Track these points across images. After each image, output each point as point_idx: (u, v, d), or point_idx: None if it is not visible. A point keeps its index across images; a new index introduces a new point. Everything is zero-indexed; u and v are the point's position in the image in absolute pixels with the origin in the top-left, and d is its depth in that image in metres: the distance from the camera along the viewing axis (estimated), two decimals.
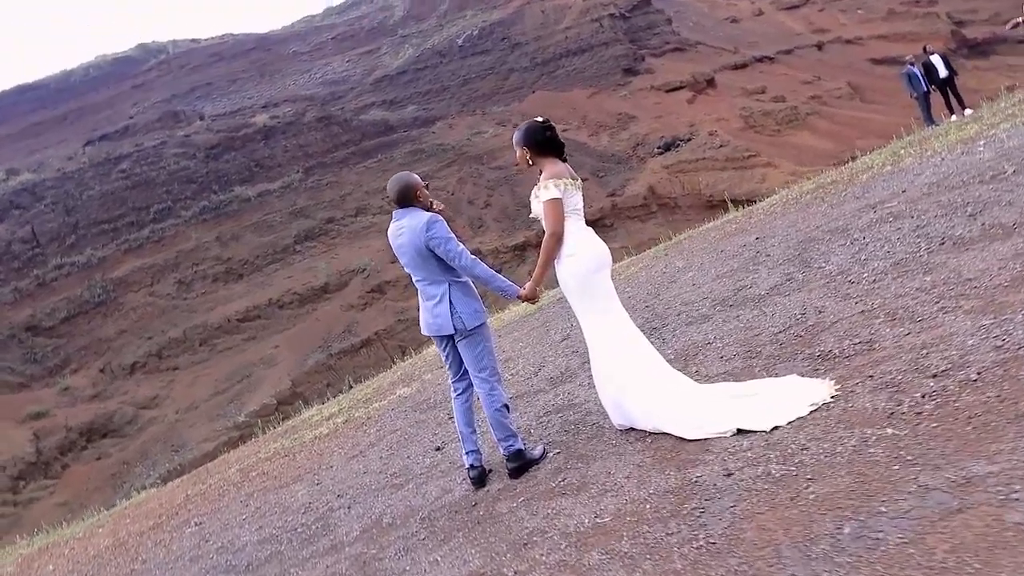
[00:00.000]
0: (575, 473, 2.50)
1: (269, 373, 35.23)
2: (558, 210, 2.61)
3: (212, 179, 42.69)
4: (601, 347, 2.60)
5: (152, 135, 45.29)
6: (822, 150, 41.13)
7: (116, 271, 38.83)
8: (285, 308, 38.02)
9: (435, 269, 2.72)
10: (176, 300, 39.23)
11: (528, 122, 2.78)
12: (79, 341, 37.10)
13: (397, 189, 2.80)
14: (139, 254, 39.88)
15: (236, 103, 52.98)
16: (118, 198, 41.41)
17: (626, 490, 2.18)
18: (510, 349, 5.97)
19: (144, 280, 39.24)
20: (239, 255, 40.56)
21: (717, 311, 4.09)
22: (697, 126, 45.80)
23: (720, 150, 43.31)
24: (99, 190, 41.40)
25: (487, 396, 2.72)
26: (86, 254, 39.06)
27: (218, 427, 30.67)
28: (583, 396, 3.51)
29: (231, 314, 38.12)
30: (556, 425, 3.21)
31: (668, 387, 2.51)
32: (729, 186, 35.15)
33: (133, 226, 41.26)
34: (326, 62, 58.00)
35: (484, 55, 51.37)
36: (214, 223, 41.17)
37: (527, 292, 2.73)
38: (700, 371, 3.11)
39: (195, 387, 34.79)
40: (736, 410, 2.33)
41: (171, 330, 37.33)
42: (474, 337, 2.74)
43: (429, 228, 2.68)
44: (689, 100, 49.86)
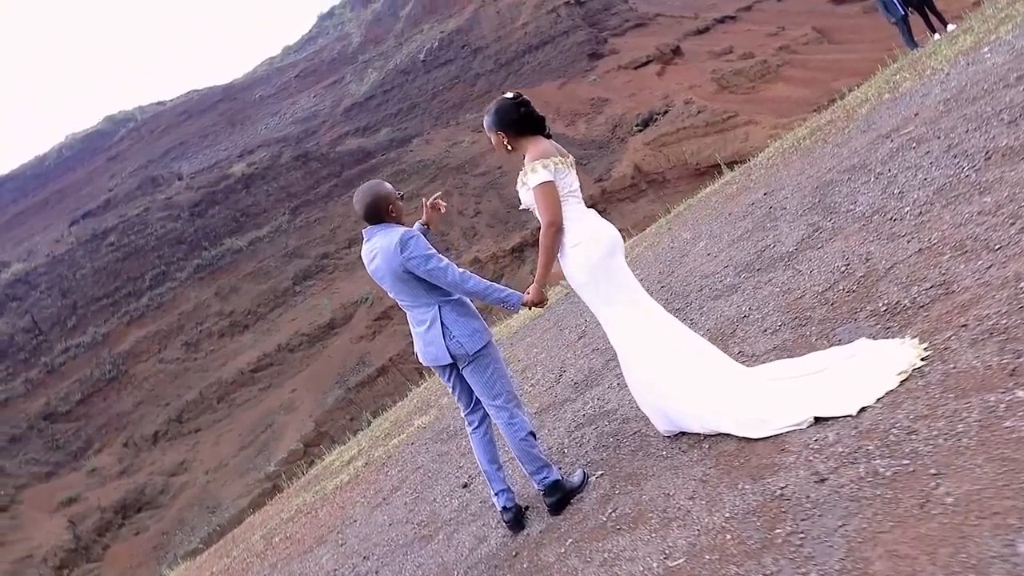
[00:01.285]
0: (627, 500, 2.10)
1: (291, 418, 34.93)
2: (552, 195, 2.21)
3: (201, 236, 42.50)
4: (630, 347, 2.20)
5: (134, 204, 45.17)
6: (799, 99, 40.63)
7: (122, 344, 38.64)
8: (296, 351, 37.74)
9: (420, 291, 2.33)
10: (186, 362, 39.00)
11: (497, 101, 2.38)
12: (98, 420, 36.89)
13: (364, 204, 2.40)
14: (142, 323, 39.69)
15: (212, 157, 52.84)
16: (111, 272, 41.26)
17: (694, 516, 1.78)
18: (525, 357, 5.57)
19: (151, 348, 39.03)
20: (241, 306, 40.32)
21: (743, 278, 3.69)
22: (671, 97, 45.37)
23: (698, 117, 42.89)
24: (91, 267, 41.26)
25: (507, 426, 2.33)
26: (89, 333, 38.90)
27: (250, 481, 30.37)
28: (615, 400, 3.11)
29: (243, 366, 37.86)
30: (591, 440, 2.81)
31: (717, 379, 2.11)
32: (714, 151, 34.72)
33: (131, 297, 41.10)
34: (293, 101, 57.86)
35: (448, 65, 51.10)
36: (210, 279, 40.96)
37: (532, 296, 2.32)
38: (744, 351, 2.70)
39: (220, 445, 34.53)
40: (806, 394, 1.93)
41: (187, 393, 37.10)
42: (480, 361, 2.34)
43: (404, 247, 2.27)
44: (659, 73, 49.43)
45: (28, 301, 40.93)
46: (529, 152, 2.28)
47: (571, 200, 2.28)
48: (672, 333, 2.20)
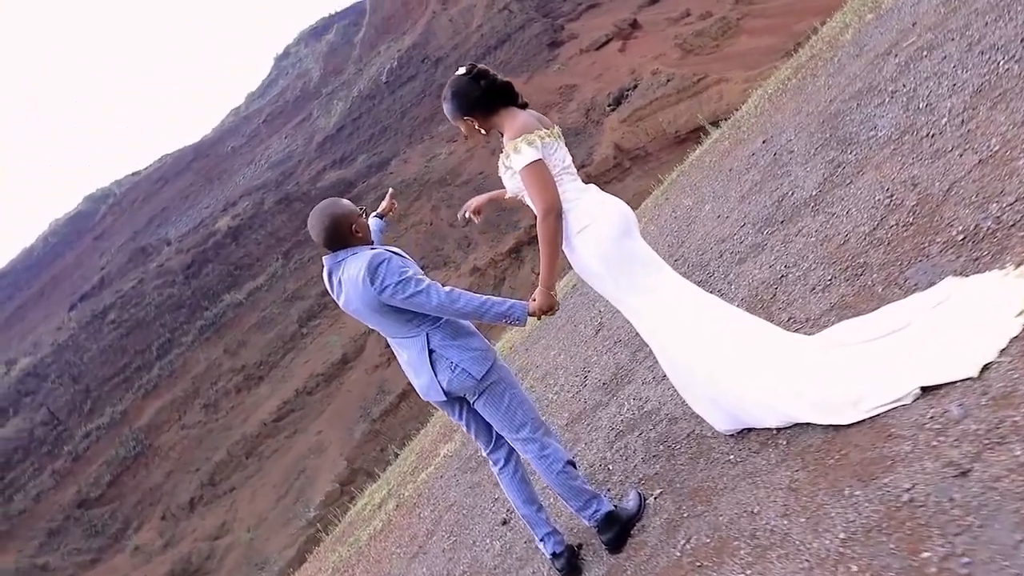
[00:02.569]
0: (700, 524, 1.72)
1: (322, 460, 34.65)
2: (543, 175, 1.84)
3: (199, 297, 42.30)
4: (670, 339, 1.83)
5: (128, 278, 45.03)
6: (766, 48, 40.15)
7: (141, 419, 38.44)
8: (314, 392, 37.47)
9: (402, 320, 1.96)
10: (208, 424, 38.78)
11: (452, 83, 2.00)
12: (132, 498, 36.67)
13: (322, 229, 1.98)
14: (157, 394, 39.50)
15: (196, 217, 52.68)
16: (117, 349, 41.08)
17: (796, 540, 1.40)
18: (543, 361, 5.19)
19: (171, 417, 38.83)
20: (252, 359, 40.09)
21: (767, 234, 3.30)
22: (638, 71, 44.99)
23: (669, 85, 42.48)
24: (97, 348, 41.10)
25: (540, 460, 1.94)
26: (107, 414, 38.72)
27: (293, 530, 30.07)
28: (654, 397, 2.73)
29: (265, 418, 37.61)
30: (638, 450, 2.43)
31: (785, 357, 1.72)
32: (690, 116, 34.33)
33: (141, 370, 40.91)
34: (265, 146, 57.69)
35: (411, 82, 50.84)
36: (216, 338, 40.75)
37: (540, 302, 1.90)
38: (795, 317, 2.32)
39: (257, 500, 34.27)
40: (901, 358, 1.55)
41: (214, 454, 36.86)
42: (492, 390, 1.95)
43: (374, 276, 1.88)
44: (621, 49, 49.05)
45: (41, 393, 40.81)
46: (507, 129, 1.91)
47: (566, 178, 1.91)
48: (716, 312, 1.82)
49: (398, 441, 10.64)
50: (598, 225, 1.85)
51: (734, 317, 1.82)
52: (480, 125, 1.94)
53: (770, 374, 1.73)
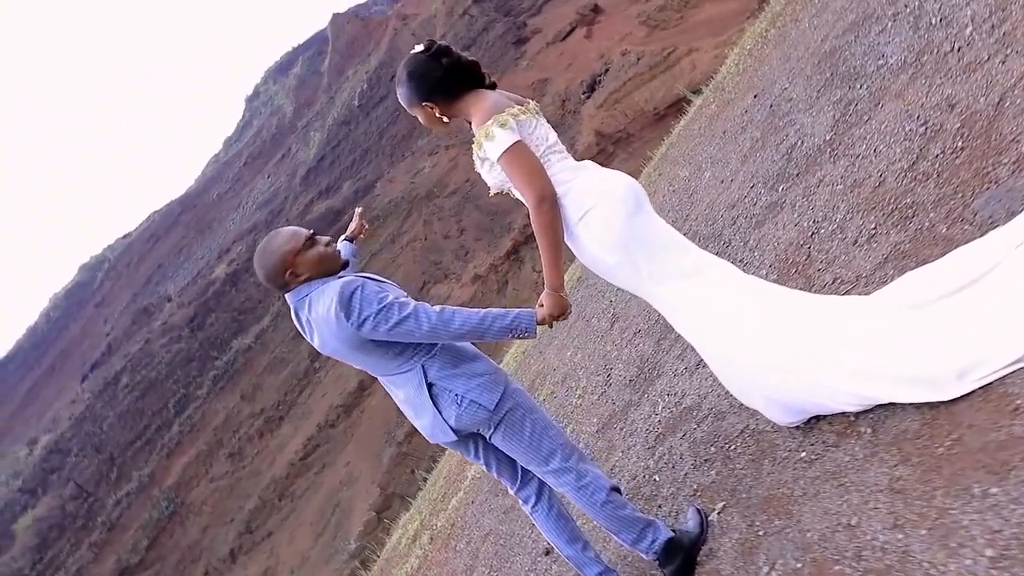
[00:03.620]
0: (784, 544, 1.42)
1: (355, 491, 34.42)
2: (527, 158, 1.55)
3: (207, 348, 42.19)
4: (713, 327, 1.53)
5: (134, 340, 45.00)
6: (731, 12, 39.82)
7: (169, 478, 38.33)
8: (336, 425, 37.26)
9: (391, 356, 1.67)
10: (236, 473, 38.62)
11: (407, 63, 1.70)
12: (172, 559, 36.52)
13: (265, 277, 1.71)
14: (181, 451, 39.38)
15: (192, 269, 52.62)
16: (135, 413, 41.02)
17: (922, 560, 1.10)
18: (560, 364, 4.89)
19: (198, 472, 38.70)
20: (269, 401, 39.93)
21: (784, 190, 3.00)
22: (607, 55, 44.71)
23: (640, 64, 42.18)
24: (115, 415, 41.06)
25: (578, 492, 1.65)
26: (135, 478, 38.60)
27: (336, 565, 29.82)
28: (691, 390, 2.43)
29: (292, 457, 37.43)
30: (685, 454, 2.12)
31: (852, 330, 1.43)
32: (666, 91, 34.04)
33: (162, 429, 40.81)
34: (250, 188, 57.69)
35: (384, 101, 50.68)
36: (231, 386, 40.63)
37: (548, 307, 1.62)
38: (841, 276, 2.01)
39: (296, 541, 34.05)
40: (1004, 310, 1.25)
41: (247, 502, 36.70)
42: (508, 419, 1.65)
43: (348, 311, 1.58)
44: (587, 36, 48.76)
45: (66, 468, 40.77)
46: (475, 115, 1.62)
47: (554, 158, 1.62)
48: (760, 291, 1.52)
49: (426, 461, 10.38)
50: (603, 206, 1.56)
51: (781, 295, 1.52)
52: (442, 112, 1.65)
53: (838, 352, 1.43)
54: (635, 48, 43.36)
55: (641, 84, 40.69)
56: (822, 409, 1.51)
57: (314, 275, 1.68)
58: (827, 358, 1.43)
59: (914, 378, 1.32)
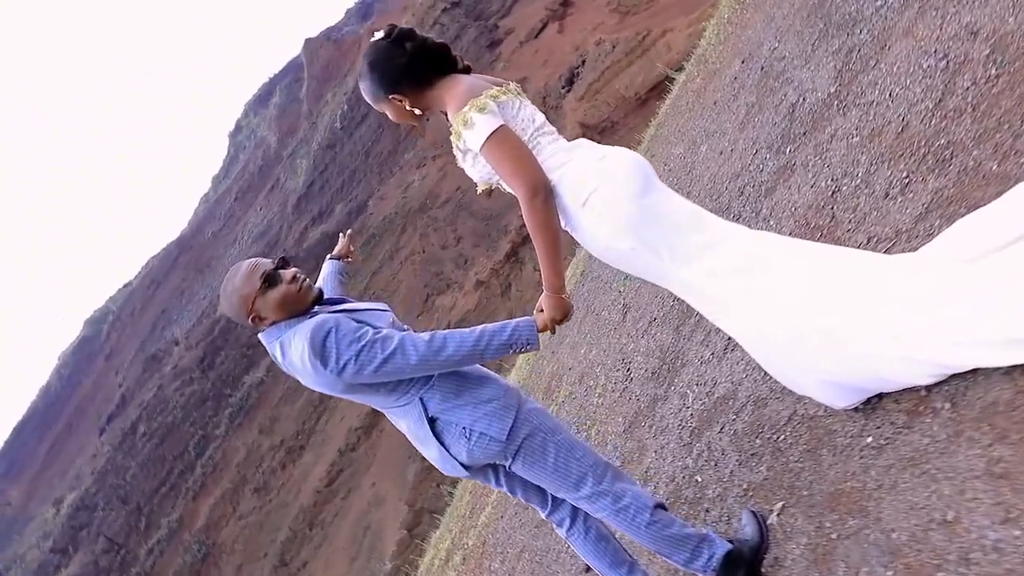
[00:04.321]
0: (866, 548, 1.24)
1: (384, 511, 34.29)
2: (512, 144, 1.38)
3: (220, 386, 42.18)
4: (746, 311, 1.35)
5: (147, 388, 45.05)
6: None
7: (198, 521, 38.30)
8: (357, 448, 37.15)
9: (385, 391, 1.50)
10: (264, 507, 38.57)
11: (368, 53, 1.53)
12: None
13: (232, 318, 1.59)
14: (206, 493, 39.35)
15: (196, 310, 52.66)
16: (156, 460, 41.03)
17: None
18: (575, 363, 4.71)
19: (226, 511, 38.66)
20: (287, 431, 39.88)
21: (791, 152, 2.82)
22: (582, 47, 44.58)
23: (615, 51, 42.05)
24: (136, 465, 41.09)
25: (618, 514, 1.48)
26: (164, 525, 38.57)
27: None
28: (722, 377, 2.25)
29: (317, 485, 37.35)
30: (728, 449, 1.94)
31: (914, 290, 1.24)
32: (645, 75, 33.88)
33: (185, 473, 40.80)
34: (244, 223, 57.75)
35: (366, 120, 50.67)
36: (248, 421, 40.61)
37: (550, 312, 1.48)
38: (878, 235, 1.83)
39: (332, 568, 33.92)
40: None
41: (278, 535, 36.62)
42: (527, 446, 1.49)
43: (324, 356, 1.41)
44: (559, 31, 48.64)
45: (95, 524, 40.77)
46: (449, 103, 1.45)
47: (543, 141, 1.45)
48: (798, 256, 1.34)
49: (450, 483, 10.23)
50: (607, 187, 1.39)
51: (823, 257, 1.34)
52: (413, 103, 1.48)
53: (897, 317, 1.24)
54: (609, 36, 43.22)
55: (619, 71, 40.54)
56: (885, 385, 1.33)
57: (281, 317, 1.50)
58: (885, 325, 1.25)
59: (999, 339, 1.14)
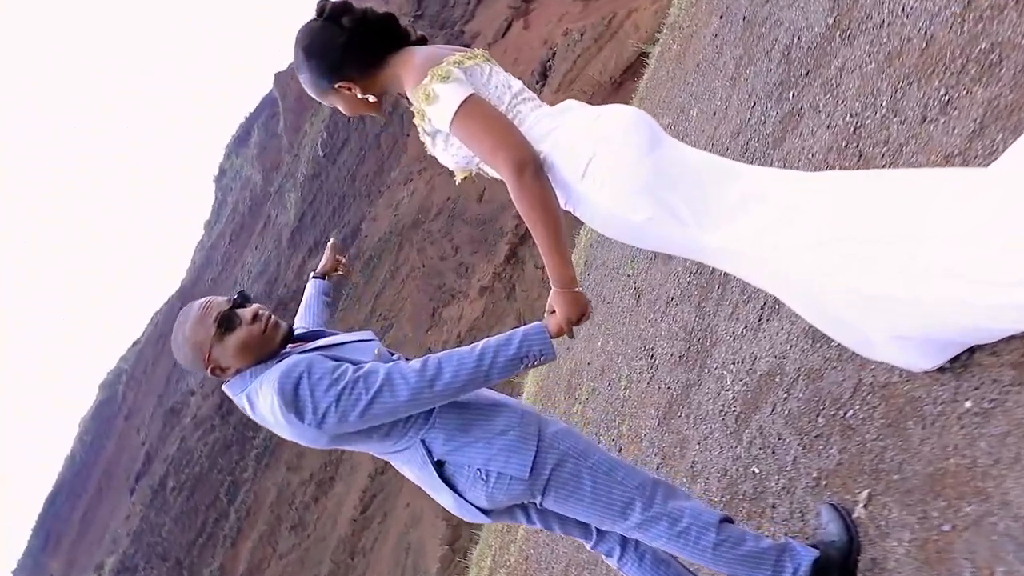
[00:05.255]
0: (996, 540, 1.01)
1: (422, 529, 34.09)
2: (488, 114, 1.17)
3: (242, 430, 42.13)
4: (797, 270, 1.13)
5: (170, 442, 45.10)
6: None
7: (240, 566, 38.28)
8: (386, 471, 36.99)
9: (379, 436, 1.28)
10: (303, 543, 38.47)
11: (302, 36, 1.31)
12: None
13: (186, 367, 1.36)
14: (244, 537, 39.31)
15: None
16: (189, 512, 41.03)
17: None
18: (592, 357, 4.48)
19: (266, 552, 38.61)
20: (315, 464, 39.77)
21: (795, 96, 2.59)
22: (550, 39, 44.45)
23: (584, 39, 41.91)
24: (170, 519, 41.10)
25: (679, 540, 1.25)
26: (206, 575, 38.55)
27: None
28: (763, 351, 2.02)
29: (351, 514, 37.21)
30: (787, 435, 1.71)
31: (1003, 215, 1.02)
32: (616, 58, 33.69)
33: (220, 521, 40.78)
34: (241, 264, 57.81)
35: (346, 145, 50.62)
36: (274, 460, 40.54)
37: (563, 312, 1.25)
38: (921, 162, 1.60)
39: None
40: None
41: (320, 568, 36.50)
42: (557, 477, 1.26)
43: (299, 409, 1.18)
44: (525, 27, 48.55)
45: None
46: (406, 78, 1.24)
47: (524, 108, 1.24)
48: (849, 185, 1.11)
49: None
50: (609, 149, 1.17)
51: (883, 189, 1.11)
52: (364, 90, 1.26)
53: (984, 251, 1.02)
54: (575, 25, 43.08)
55: (591, 58, 40.39)
56: (978, 336, 1.11)
57: (245, 364, 1.27)
58: (968, 263, 1.02)
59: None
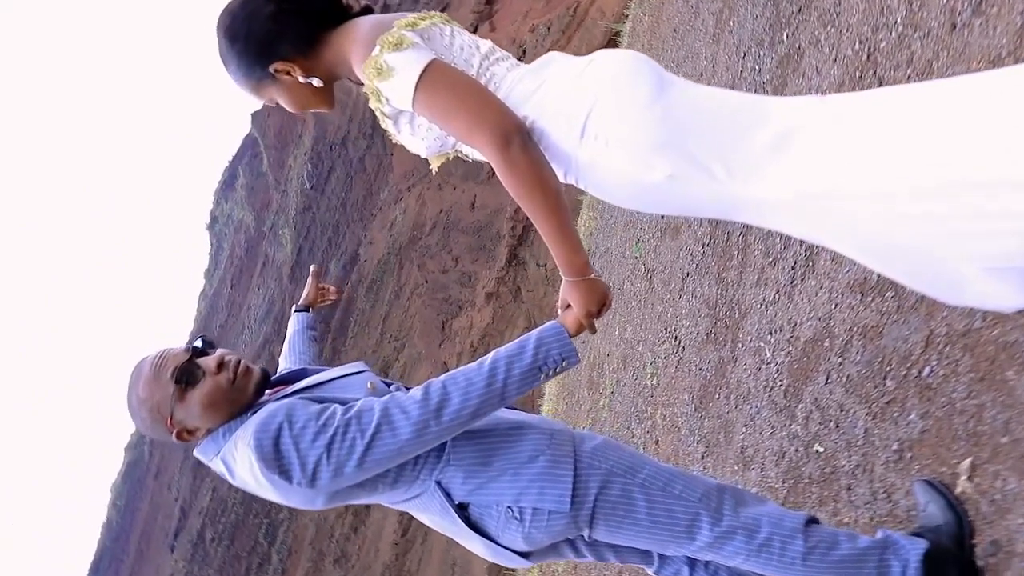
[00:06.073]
0: None
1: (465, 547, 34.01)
2: (455, 79, 0.98)
3: None
4: (855, 212, 0.94)
5: (202, 493, 45.19)
6: None
7: None
8: None
9: (385, 484, 1.06)
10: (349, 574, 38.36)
11: (221, 23, 1.12)
12: None
13: (149, 435, 1.14)
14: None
15: None
16: (231, 559, 41.03)
17: None
18: (611, 347, 4.28)
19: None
20: None
21: (789, 36, 2.40)
22: (518, 38, 44.41)
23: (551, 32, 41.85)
24: (213, 570, 41.16)
25: (758, 556, 1.03)
26: None
27: None
28: (803, 315, 1.81)
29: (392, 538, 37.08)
30: (851, 404, 1.51)
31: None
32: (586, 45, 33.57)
33: (264, 564, 40.78)
34: (247, 307, 57.93)
35: (333, 172, 50.66)
36: None
37: (580, 303, 1.06)
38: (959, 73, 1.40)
39: None
40: None
41: None
42: (604, 502, 1.05)
43: (285, 469, 0.99)
44: (492, 29, 48.61)
45: None
46: (353, 55, 1.04)
47: (499, 70, 1.05)
48: (906, 106, 0.92)
49: None
50: (606, 101, 0.98)
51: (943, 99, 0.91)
52: (305, 70, 1.06)
53: None
54: (541, 20, 43.04)
55: (562, 48, 40.25)
56: None
57: (218, 422, 1.07)
58: None
59: None
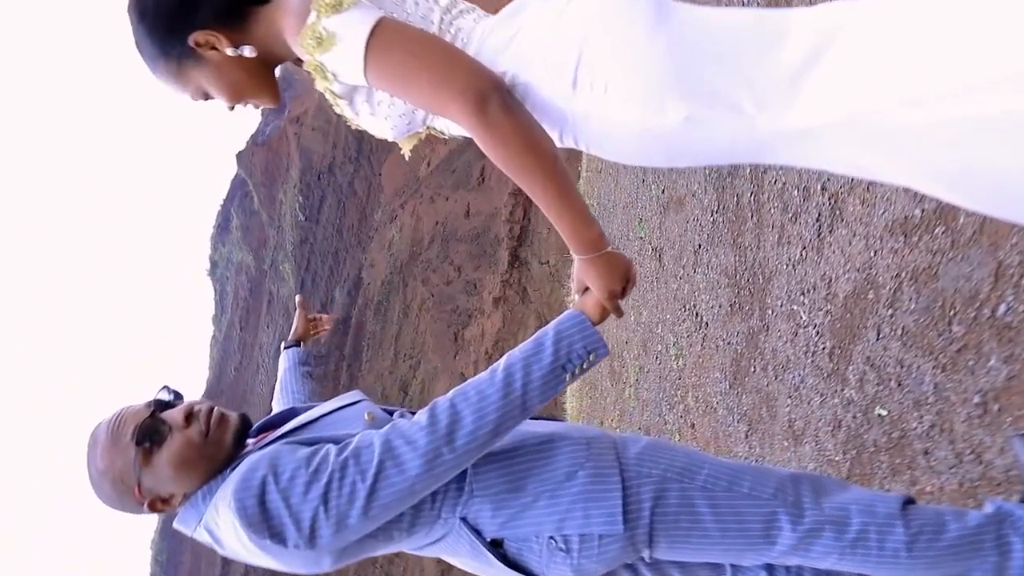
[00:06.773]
0: None
1: None
2: (412, 36, 0.82)
3: None
4: (920, 129, 0.77)
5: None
6: None
7: None
8: None
9: (401, 528, 0.87)
10: None
11: (129, 6, 0.98)
12: None
13: (117, 509, 0.95)
14: None
15: None
16: None
17: None
18: (628, 333, 4.10)
19: None
20: None
21: None
22: None
23: None
24: None
25: (852, 553, 0.84)
26: None
27: None
28: (835, 269, 1.64)
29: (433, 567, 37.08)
30: (913, 359, 1.33)
31: None
32: None
33: None
34: (258, 347, 58.14)
35: (324, 200, 50.82)
36: None
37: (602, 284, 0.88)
38: None
39: None
40: None
41: None
42: (663, 516, 0.87)
43: (277, 532, 0.81)
44: None
45: None
46: (286, 24, 0.88)
47: (464, 24, 0.88)
48: None
49: None
50: (597, 40, 0.81)
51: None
52: (232, 39, 0.89)
53: None
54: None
55: None
56: None
57: (195, 485, 0.93)
58: None
59: None
